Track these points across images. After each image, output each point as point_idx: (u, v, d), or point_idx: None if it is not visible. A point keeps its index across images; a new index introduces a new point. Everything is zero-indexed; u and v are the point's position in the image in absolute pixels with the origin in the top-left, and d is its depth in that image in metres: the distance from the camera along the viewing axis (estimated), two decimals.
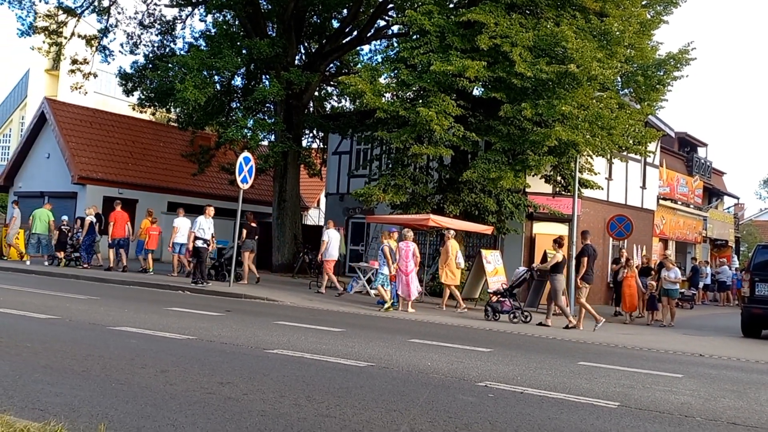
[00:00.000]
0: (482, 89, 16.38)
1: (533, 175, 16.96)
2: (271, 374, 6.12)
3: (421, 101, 15.45)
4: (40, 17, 24.47)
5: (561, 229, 18.85)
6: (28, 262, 18.25)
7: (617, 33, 15.18)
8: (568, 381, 6.85)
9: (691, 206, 29.19)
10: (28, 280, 14.87)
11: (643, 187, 23.83)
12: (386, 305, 13.38)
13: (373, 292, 16.11)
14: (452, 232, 14.95)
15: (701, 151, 33.88)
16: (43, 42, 25.19)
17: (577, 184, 16.71)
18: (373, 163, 20.03)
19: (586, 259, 12.91)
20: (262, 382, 5.73)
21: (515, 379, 6.70)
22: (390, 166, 17.76)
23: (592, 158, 17.66)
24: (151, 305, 11.35)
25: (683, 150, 31.87)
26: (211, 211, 15.87)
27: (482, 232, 16.67)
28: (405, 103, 15.67)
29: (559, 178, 17.81)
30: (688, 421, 5.40)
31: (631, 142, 17.00)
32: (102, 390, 5.08)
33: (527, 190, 17.93)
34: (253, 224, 17.13)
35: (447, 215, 16.29)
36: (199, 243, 15.26)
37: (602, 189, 19.00)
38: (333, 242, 16.21)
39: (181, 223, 17.49)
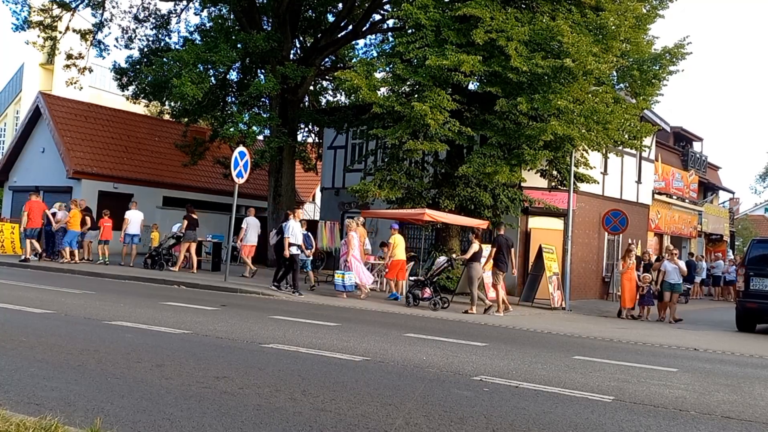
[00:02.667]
0: (478, 84, 16.36)
1: (529, 170, 16.97)
2: (267, 368, 6.12)
3: (416, 96, 15.42)
4: (34, 11, 24.30)
5: (557, 224, 18.90)
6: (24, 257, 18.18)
7: (613, 27, 15.17)
8: (563, 375, 6.88)
9: (687, 201, 29.27)
10: (23, 274, 14.83)
11: (639, 181, 23.88)
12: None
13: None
14: (361, 219, 15.94)
15: (696, 146, 33.96)
16: (38, 36, 25.07)
17: (572, 179, 16.74)
18: (368, 158, 20.02)
19: (495, 249, 13.84)
20: (257, 377, 5.73)
21: (510, 373, 6.73)
22: (385, 161, 17.75)
23: (587, 153, 17.69)
24: (146, 300, 11.35)
25: (679, 144, 31.94)
26: (299, 213, 14.73)
27: (478, 226, 16.66)
28: (400, 98, 15.64)
29: (554, 172, 17.83)
30: (683, 415, 5.43)
31: (626, 136, 17.03)
32: (98, 384, 5.08)
33: (523, 184, 17.95)
34: (194, 215, 17.86)
35: (442, 210, 16.30)
36: (294, 249, 13.92)
37: (598, 183, 19.03)
38: (251, 229, 17.70)
39: (133, 215, 18.30)
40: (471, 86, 16.76)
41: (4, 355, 5.83)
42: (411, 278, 15.20)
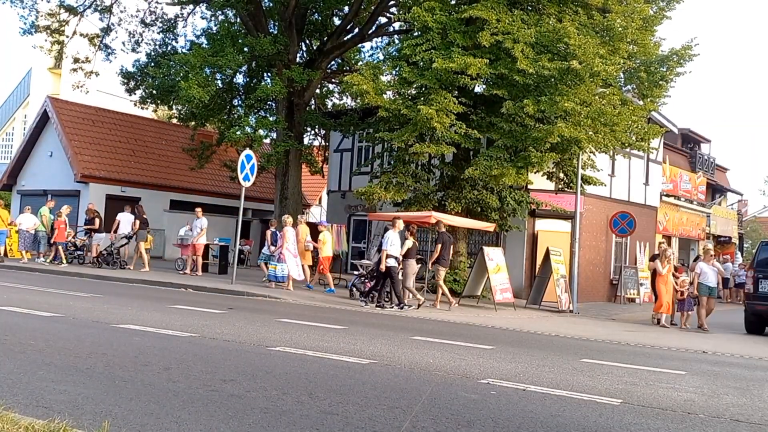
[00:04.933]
0: (484, 86, 16.34)
1: (535, 172, 16.93)
2: (274, 371, 6.12)
3: (422, 99, 15.42)
4: (41, 16, 24.46)
5: (564, 226, 18.85)
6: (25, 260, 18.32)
7: (620, 29, 15.13)
8: (570, 378, 6.85)
9: (695, 203, 29.14)
10: (31, 278, 14.90)
11: (646, 183, 23.80)
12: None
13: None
14: (302, 217, 16.89)
15: (704, 148, 33.81)
16: (45, 40, 25.21)
17: (579, 181, 16.70)
18: (375, 161, 20.04)
19: (440, 246, 14.12)
20: (264, 380, 5.73)
21: (518, 376, 6.70)
22: (392, 164, 17.75)
23: (594, 155, 17.63)
24: (154, 303, 11.37)
25: (686, 146, 31.81)
26: (399, 224, 13.76)
27: (484, 229, 16.65)
28: (407, 101, 15.64)
29: (561, 174, 17.79)
30: (691, 418, 5.40)
31: (633, 138, 16.96)
32: (106, 387, 5.09)
33: (529, 187, 17.91)
34: (144, 216, 18.56)
35: (449, 212, 16.29)
36: (392, 261, 13.16)
37: (605, 186, 18.97)
38: (205, 229, 18.24)
39: (124, 217, 18.57)
40: (477, 89, 16.74)
41: (12, 359, 5.85)
42: (355, 272, 15.90)
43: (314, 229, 17.25)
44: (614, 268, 21.71)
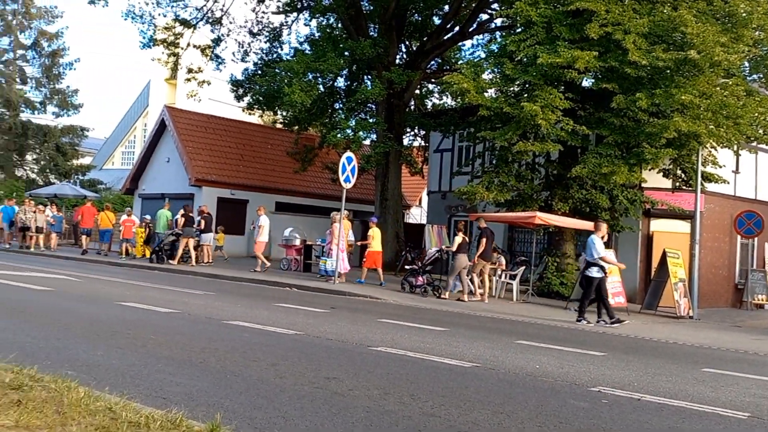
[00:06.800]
0: (593, 80, 15.70)
1: (650, 170, 16.04)
2: (376, 371, 6.13)
3: (526, 96, 15.02)
4: (159, 30, 26.10)
5: (682, 227, 17.73)
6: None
7: (743, 14, 14.03)
8: (690, 388, 6.39)
9: None
10: (150, 276, 15.88)
11: None
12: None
13: (478, 291, 15.83)
14: (345, 212, 16.64)
15: None
16: (162, 53, 26.86)
17: (699, 179, 15.61)
18: (476, 161, 19.74)
19: (485, 239, 14.61)
20: (367, 379, 5.75)
21: (631, 384, 6.33)
22: (494, 163, 17.41)
23: (716, 150, 16.42)
24: (261, 301, 11.78)
25: None
26: (604, 228, 12.53)
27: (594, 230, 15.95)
28: (509, 99, 15.29)
29: (678, 171, 16.72)
30: None
31: (761, 131, 15.65)
32: (218, 381, 5.29)
33: (643, 185, 16.98)
34: (191, 214, 19.16)
35: (555, 213, 15.76)
36: (594, 271, 11.63)
37: (728, 183, 17.61)
38: (266, 227, 18.59)
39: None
40: (585, 83, 16.10)
41: (135, 352, 6.22)
42: (407, 267, 16.48)
43: (418, 231, 17.33)
44: (740, 272, 20.16)
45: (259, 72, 24.86)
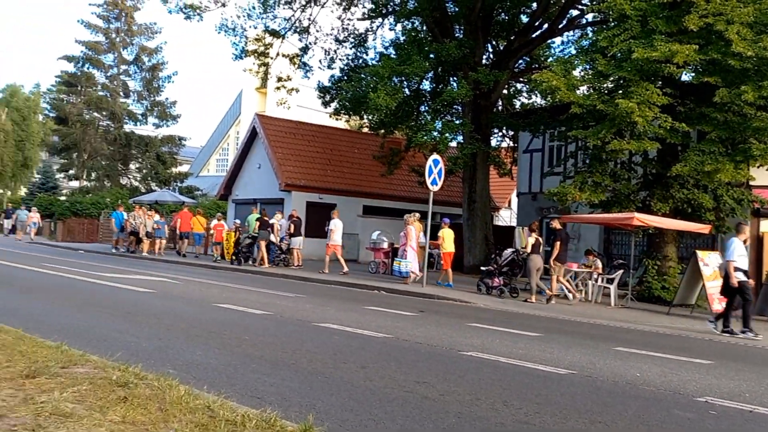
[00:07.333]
0: (692, 74, 14.86)
1: (758, 167, 14.98)
2: (466, 376, 6.02)
3: (620, 92, 14.41)
4: (250, 41, 27.06)
5: None
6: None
7: None
8: None
9: None
10: (241, 278, 16.43)
11: None
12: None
13: (570, 296, 15.38)
14: (417, 215, 16.82)
15: None
16: (253, 63, 27.84)
17: None
18: (568, 161, 19.15)
19: (559, 242, 14.36)
20: (457, 384, 5.65)
21: (742, 395, 5.91)
22: (587, 163, 16.81)
23: None
24: (350, 303, 11.90)
25: None
26: (746, 230, 11.46)
27: (697, 231, 15.11)
28: (602, 96, 14.72)
29: None
30: None
31: None
32: (309, 382, 5.36)
33: (752, 183, 15.91)
34: (266, 218, 19.94)
35: (654, 213, 15.01)
36: (740, 275, 10.70)
37: None
38: (338, 230, 18.86)
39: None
40: (684, 77, 15.27)
41: (230, 352, 6.42)
42: (482, 268, 16.54)
43: (508, 234, 16.99)
44: None
45: (345, 78, 25.25)
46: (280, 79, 27.12)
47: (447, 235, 16.91)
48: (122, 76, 46.40)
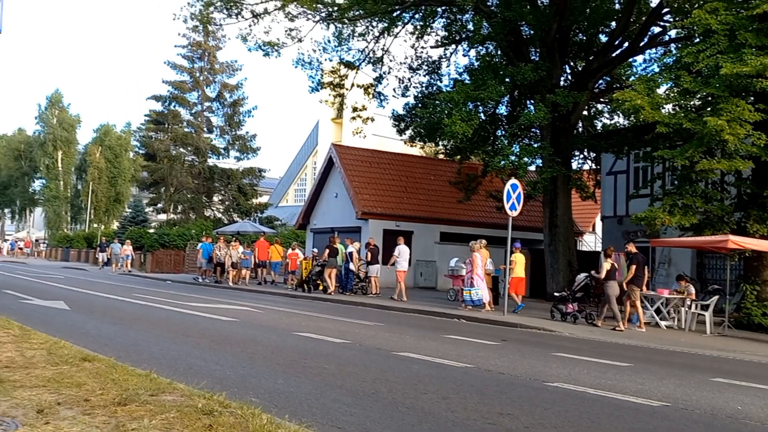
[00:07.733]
0: None
1: None
2: (552, 408, 5.77)
3: (708, 109, 13.73)
4: (325, 74, 27.75)
5: None
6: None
7: None
8: None
9: None
10: (319, 306, 16.59)
11: None
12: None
13: (663, 323, 14.63)
14: (483, 241, 16.85)
15: None
16: (329, 95, 28.48)
17: None
18: (655, 183, 18.36)
19: (635, 266, 13.93)
20: (542, 416, 5.43)
21: None
22: (675, 184, 16.04)
23: None
24: (429, 332, 11.75)
25: None
26: None
27: None
28: (689, 114, 14.08)
29: None
30: None
31: None
32: (389, 413, 5.27)
33: None
34: (335, 246, 20.33)
35: (751, 235, 14.11)
36: None
37: None
38: (403, 255, 19.59)
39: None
40: None
41: (310, 381, 6.43)
42: (555, 294, 16.35)
43: (593, 259, 16.32)
44: None
45: (420, 105, 25.37)
46: (355, 109, 27.57)
47: (519, 260, 16.70)
48: (206, 113, 48.70)
